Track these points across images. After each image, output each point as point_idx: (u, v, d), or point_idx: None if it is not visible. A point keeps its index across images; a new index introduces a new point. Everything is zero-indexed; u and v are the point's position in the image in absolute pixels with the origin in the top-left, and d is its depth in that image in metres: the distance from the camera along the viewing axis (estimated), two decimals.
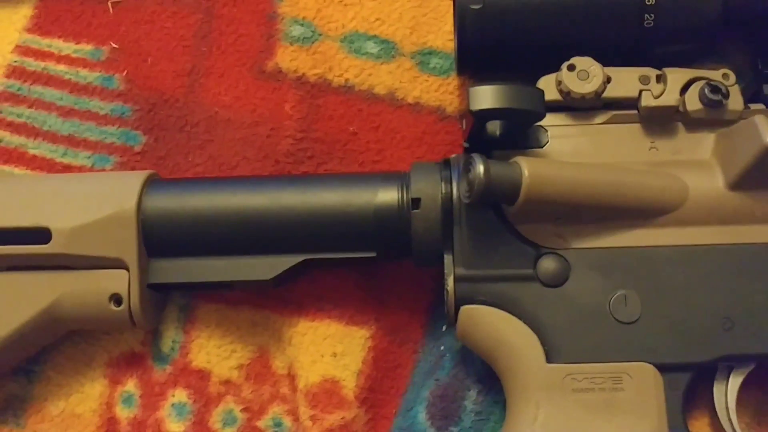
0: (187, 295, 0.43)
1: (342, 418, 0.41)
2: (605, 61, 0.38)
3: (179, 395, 0.42)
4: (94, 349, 0.43)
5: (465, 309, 0.36)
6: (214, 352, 0.43)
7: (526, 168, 0.34)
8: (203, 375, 0.42)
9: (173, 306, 0.43)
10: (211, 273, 0.39)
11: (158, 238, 0.39)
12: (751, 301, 0.35)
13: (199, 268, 0.39)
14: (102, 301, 0.39)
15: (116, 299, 0.39)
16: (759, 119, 0.35)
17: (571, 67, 0.37)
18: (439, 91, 0.46)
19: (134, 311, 0.39)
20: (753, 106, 0.39)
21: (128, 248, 0.39)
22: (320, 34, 0.46)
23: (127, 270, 0.39)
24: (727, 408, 0.36)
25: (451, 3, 0.43)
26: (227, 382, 0.42)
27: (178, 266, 0.39)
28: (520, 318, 0.36)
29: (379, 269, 0.43)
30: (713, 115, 0.37)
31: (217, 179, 0.42)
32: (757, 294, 0.35)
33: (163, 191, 0.40)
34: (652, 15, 0.37)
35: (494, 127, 0.37)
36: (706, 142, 0.38)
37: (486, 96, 0.34)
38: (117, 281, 0.39)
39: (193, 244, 0.39)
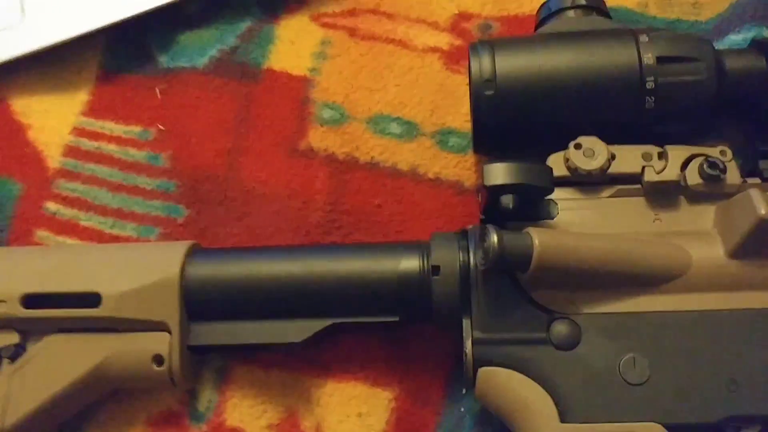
0: (222, 357, 0.44)
1: None
2: (609, 139, 0.39)
3: None
4: (134, 408, 0.44)
5: (483, 371, 0.37)
6: (247, 411, 0.43)
7: (537, 238, 0.35)
8: None
9: (210, 367, 0.44)
10: (247, 336, 0.39)
11: (198, 303, 0.40)
12: (755, 364, 0.36)
13: (235, 331, 0.40)
14: (145, 362, 0.40)
15: (158, 360, 0.40)
16: (754, 192, 0.36)
17: (578, 146, 0.39)
18: (458, 167, 0.47)
19: (174, 371, 0.40)
20: (750, 180, 0.40)
21: (171, 312, 0.40)
22: (348, 117, 0.48)
23: (170, 332, 0.40)
24: None
25: (468, 88, 0.44)
26: None
27: (216, 329, 0.40)
28: (534, 379, 0.36)
29: (401, 333, 0.43)
30: (712, 189, 0.38)
31: (253, 248, 0.43)
32: (760, 357, 0.36)
33: (204, 259, 0.41)
34: (653, 97, 0.39)
35: (507, 200, 0.38)
36: (706, 213, 0.38)
37: (499, 172, 0.36)
38: (160, 343, 0.40)
39: (230, 308, 0.40)
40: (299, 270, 0.40)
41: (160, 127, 0.49)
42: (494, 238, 0.35)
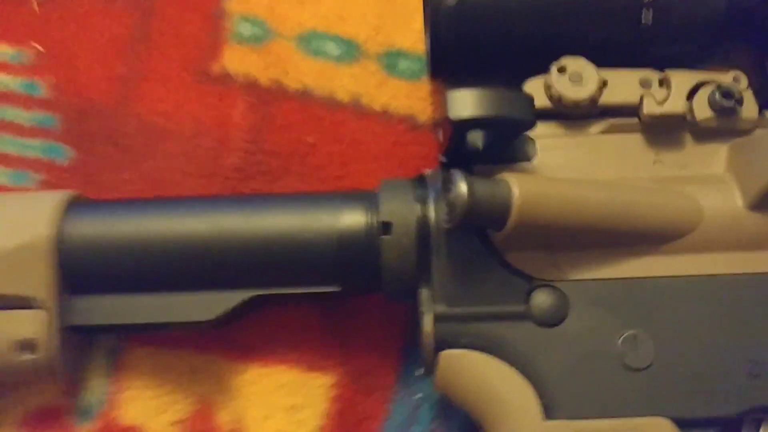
0: (116, 337, 0.40)
1: None
2: (598, 63, 0.36)
3: None
4: (6, 403, 0.39)
5: (445, 354, 0.33)
6: (147, 405, 0.40)
7: (517, 186, 0.31)
8: None
9: (99, 350, 0.40)
10: (144, 313, 0.35)
11: (81, 271, 0.35)
12: None
13: (129, 307, 0.35)
14: (9, 349, 0.35)
15: (28, 345, 0.35)
16: None
17: (562, 69, 0.35)
18: (410, 97, 0.43)
19: (50, 359, 0.35)
20: None
21: (42, 284, 0.35)
22: (273, 33, 0.44)
23: (43, 310, 0.35)
24: None
25: None
26: None
27: (104, 305, 0.36)
28: (511, 364, 0.32)
29: (343, 305, 0.40)
30: (725, 124, 0.35)
31: (152, 200, 0.39)
32: None
33: (88, 215, 0.36)
34: (650, 10, 0.35)
35: (476, 138, 0.34)
36: (718, 154, 0.35)
37: (467, 102, 0.32)
38: (29, 324, 0.35)
39: (122, 278, 0.35)
40: (210, 228, 0.35)
41: (38, 47, 0.44)
42: (462, 187, 0.31)
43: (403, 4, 0.44)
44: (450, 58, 0.37)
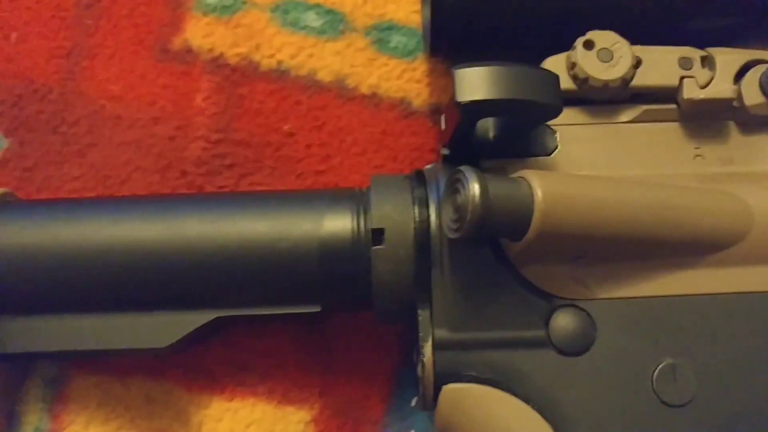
0: (55, 364, 0.37)
1: None
2: (629, 38, 0.33)
3: None
4: None
5: (449, 389, 0.30)
6: None
7: (540, 187, 0.27)
8: None
9: (36, 379, 0.37)
10: (85, 339, 0.32)
11: (7, 288, 0.32)
12: None
13: (65, 332, 0.32)
14: None
15: None
16: None
17: (589, 45, 0.32)
18: (403, 78, 0.41)
19: None
20: None
21: None
22: (244, 2, 0.41)
23: None
24: None
25: None
26: None
27: (35, 329, 0.32)
28: (527, 401, 0.29)
29: (324, 325, 0.38)
30: None
31: (96, 200, 0.36)
32: None
33: (17, 220, 0.33)
34: None
35: (487, 126, 0.31)
36: None
37: (479, 82, 0.28)
38: None
39: (59, 296, 0.32)
40: (166, 235, 0.32)
41: None
42: (475, 188, 0.27)
43: None
44: (453, 32, 0.34)
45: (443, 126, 0.32)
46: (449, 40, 0.35)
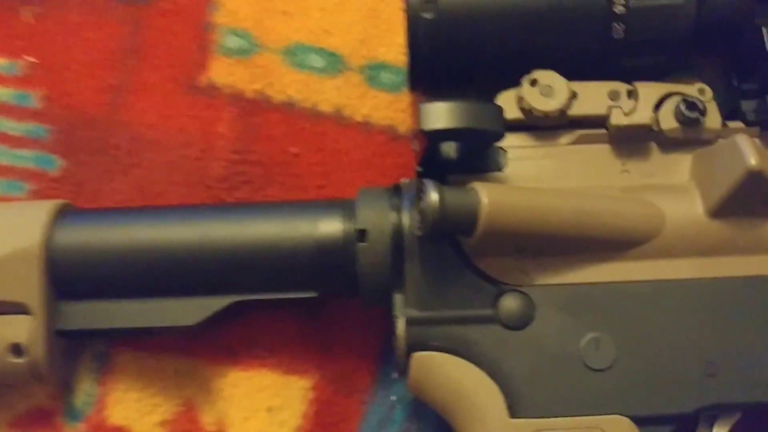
0: (103, 342, 0.40)
1: None
2: (570, 75, 0.36)
3: None
4: None
5: (417, 356, 0.33)
6: (134, 406, 0.39)
7: (485, 195, 0.31)
8: None
9: (87, 354, 0.40)
10: (130, 318, 0.35)
11: (69, 278, 0.35)
12: (736, 343, 0.33)
13: (115, 313, 0.35)
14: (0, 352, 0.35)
15: (17, 350, 0.35)
16: (741, 139, 0.32)
17: (533, 82, 0.35)
18: (390, 108, 0.43)
19: (38, 363, 0.35)
20: (731, 124, 0.36)
21: (31, 290, 0.35)
22: (260, 46, 0.44)
23: (31, 315, 0.35)
24: None
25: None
26: None
27: (91, 310, 0.36)
28: (479, 366, 0.33)
29: (321, 310, 0.40)
30: (690, 135, 0.35)
31: (139, 209, 0.39)
32: (742, 334, 0.33)
33: (76, 223, 0.36)
34: (622, 25, 0.35)
35: (449, 148, 0.34)
36: (682, 164, 0.35)
37: (439, 114, 0.32)
38: (17, 329, 0.35)
39: (109, 284, 0.36)
40: (195, 236, 0.35)
41: (31, 59, 0.44)
42: (433, 196, 0.31)
43: (387, 19, 0.44)
44: (427, 71, 0.36)
45: (416, 148, 0.35)
46: (424, 78, 0.37)
